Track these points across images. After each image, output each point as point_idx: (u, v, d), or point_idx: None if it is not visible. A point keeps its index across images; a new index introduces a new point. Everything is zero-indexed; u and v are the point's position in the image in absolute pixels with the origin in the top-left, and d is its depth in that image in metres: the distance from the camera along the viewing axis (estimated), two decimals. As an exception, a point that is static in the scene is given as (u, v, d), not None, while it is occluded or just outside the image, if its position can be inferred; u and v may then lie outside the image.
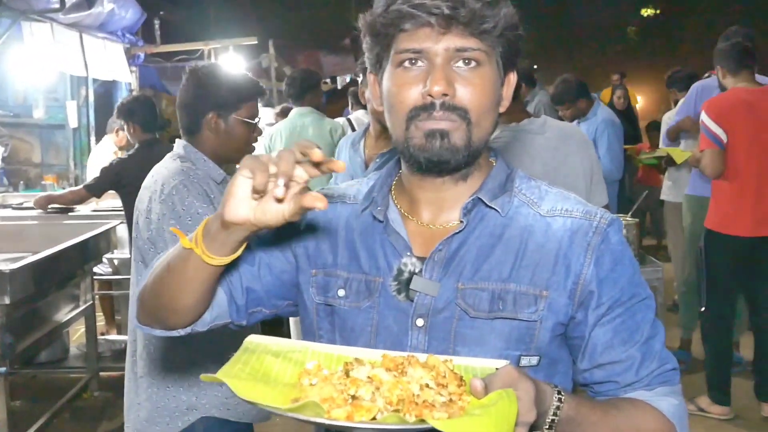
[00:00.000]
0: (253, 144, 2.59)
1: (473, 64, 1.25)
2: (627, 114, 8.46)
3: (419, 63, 1.26)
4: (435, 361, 1.13)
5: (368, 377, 1.10)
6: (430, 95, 1.24)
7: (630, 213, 4.15)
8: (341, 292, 1.37)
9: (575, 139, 3.11)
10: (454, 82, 1.24)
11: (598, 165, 3.18)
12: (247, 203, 1.14)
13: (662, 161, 5.59)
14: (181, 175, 2.37)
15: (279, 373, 1.17)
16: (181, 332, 1.37)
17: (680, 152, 4.79)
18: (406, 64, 1.26)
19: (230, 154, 2.54)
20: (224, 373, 1.12)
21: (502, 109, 1.35)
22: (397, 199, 1.39)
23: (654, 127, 7.97)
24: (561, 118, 5.34)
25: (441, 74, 1.23)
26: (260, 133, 2.61)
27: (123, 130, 6.53)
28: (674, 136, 5.41)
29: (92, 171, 6.72)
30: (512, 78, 1.36)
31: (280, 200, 1.12)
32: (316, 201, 1.11)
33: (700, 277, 4.53)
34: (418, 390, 1.07)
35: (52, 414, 4.45)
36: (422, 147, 1.26)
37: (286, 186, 1.11)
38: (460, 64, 1.25)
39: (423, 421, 1.00)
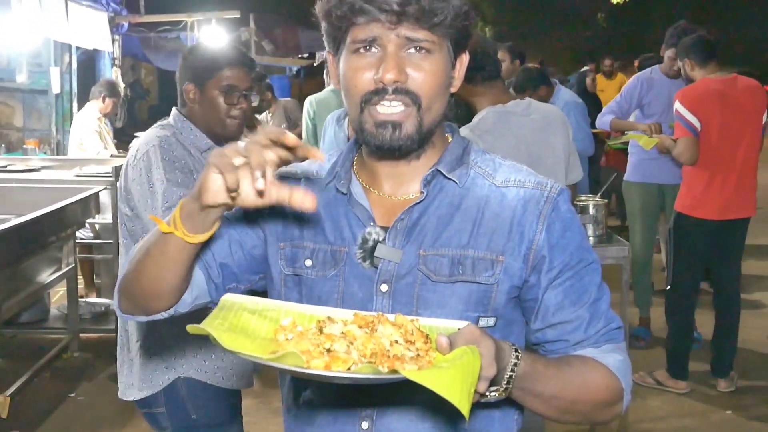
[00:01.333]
0: (236, 113, 2.47)
1: (424, 51, 1.28)
2: (594, 98, 8.49)
3: (373, 49, 1.28)
4: (402, 320, 1.17)
5: (342, 333, 1.13)
6: (382, 82, 1.26)
7: (599, 194, 4.19)
8: (308, 262, 1.39)
9: (557, 120, 3.14)
10: (406, 68, 1.27)
11: (573, 144, 3.22)
12: (223, 192, 1.15)
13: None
14: (153, 141, 2.36)
15: (256, 328, 1.19)
16: (164, 315, 1.38)
17: (648, 139, 4.86)
18: (361, 50, 1.28)
19: (214, 127, 2.47)
20: (207, 325, 1.14)
21: (453, 89, 1.37)
22: (358, 173, 1.42)
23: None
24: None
25: (393, 62, 1.25)
26: (246, 103, 2.50)
27: (108, 97, 6.47)
28: (623, 129, 5.50)
29: (74, 136, 6.64)
30: (464, 58, 1.38)
31: (260, 192, 1.13)
32: (304, 201, 1.14)
33: (667, 257, 4.60)
34: (388, 345, 1.11)
35: (33, 373, 4.43)
36: (373, 135, 1.29)
37: (263, 177, 1.11)
38: (412, 50, 1.27)
39: (395, 371, 1.04)
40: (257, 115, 8.34)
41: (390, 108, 1.27)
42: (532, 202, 1.35)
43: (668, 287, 4.61)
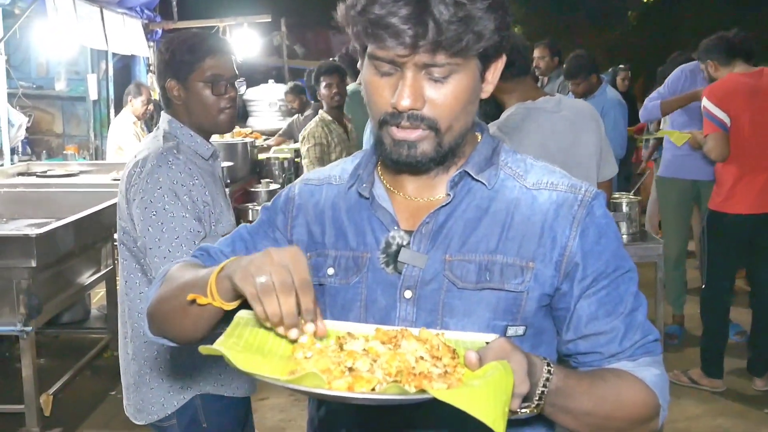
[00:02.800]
0: (225, 103, 2.31)
1: (444, 74, 1.19)
2: (627, 96, 8.41)
3: (391, 69, 1.20)
4: (427, 334, 1.11)
5: (364, 350, 1.07)
6: (396, 108, 1.20)
7: (632, 191, 4.15)
8: (330, 271, 1.35)
9: (588, 116, 3.07)
10: (423, 93, 1.19)
11: (606, 140, 3.15)
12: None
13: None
14: (160, 160, 2.17)
15: (273, 346, 1.12)
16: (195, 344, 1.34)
17: (679, 134, 4.78)
18: (379, 68, 1.21)
19: (205, 122, 2.31)
20: (221, 344, 1.07)
21: (485, 95, 1.29)
22: (382, 175, 1.36)
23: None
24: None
25: (408, 90, 1.18)
26: (233, 93, 2.32)
27: (134, 97, 6.54)
28: (679, 104, 5.15)
29: (112, 141, 6.72)
30: (500, 63, 1.28)
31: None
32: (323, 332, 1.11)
33: (702, 256, 4.53)
34: (414, 362, 1.04)
35: (74, 372, 4.51)
36: (392, 152, 1.24)
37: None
38: (431, 73, 1.19)
39: (423, 391, 0.97)
40: (290, 118, 8.39)
41: (405, 133, 1.22)
42: (565, 206, 1.29)
43: (703, 286, 4.54)
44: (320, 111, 5.12)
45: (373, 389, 1.00)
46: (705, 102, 4.22)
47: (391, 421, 1.28)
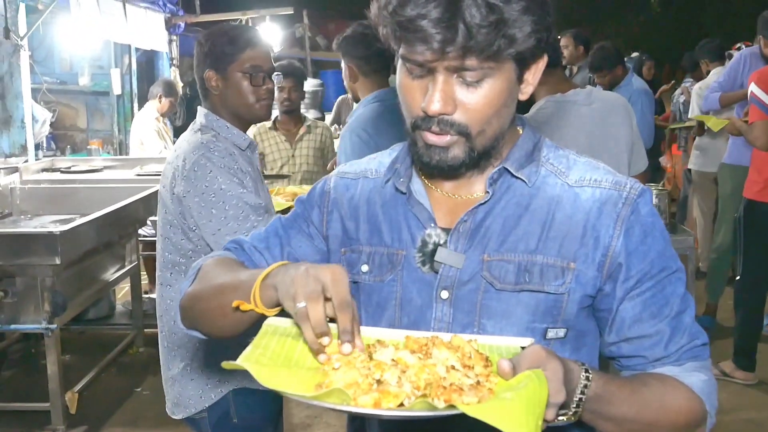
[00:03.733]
0: (263, 94, 2.34)
1: (477, 77, 1.13)
2: (652, 85, 8.28)
3: (422, 72, 1.15)
4: (459, 341, 1.07)
5: (393, 360, 1.03)
6: (426, 113, 1.15)
7: (661, 183, 4.04)
8: (365, 268, 1.32)
9: (620, 109, 3.01)
10: (455, 97, 1.14)
11: (637, 132, 3.09)
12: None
13: (694, 130, 5.41)
14: (201, 149, 2.21)
15: (300, 357, 1.09)
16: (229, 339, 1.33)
17: (717, 120, 4.61)
18: (411, 71, 1.16)
19: (243, 112, 2.35)
20: (246, 359, 1.04)
21: (523, 97, 1.23)
22: (420, 170, 1.31)
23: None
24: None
25: (438, 94, 1.13)
26: (270, 85, 2.36)
27: (165, 97, 6.51)
28: (736, 100, 5.04)
29: (135, 136, 6.71)
30: (541, 63, 1.21)
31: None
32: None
33: (737, 246, 4.42)
34: (444, 372, 1.00)
35: (100, 368, 4.50)
36: (425, 155, 1.20)
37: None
38: (464, 77, 1.13)
39: (453, 406, 0.93)
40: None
41: (436, 138, 1.17)
42: (609, 204, 1.23)
43: (738, 277, 4.44)
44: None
45: (401, 404, 0.96)
46: (753, 87, 4.06)
47: (423, 430, 1.24)
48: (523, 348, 1.06)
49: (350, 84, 3.01)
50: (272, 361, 1.06)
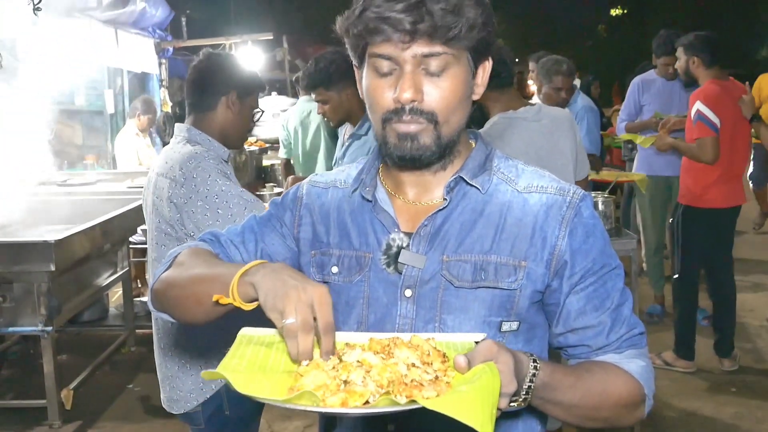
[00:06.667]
0: (250, 129, 2.50)
1: (441, 67, 1.18)
2: (597, 102, 8.32)
3: (391, 67, 1.19)
4: (418, 340, 1.08)
5: (358, 361, 1.03)
6: (399, 101, 1.18)
7: (607, 191, 4.08)
8: (335, 269, 1.33)
9: (565, 122, 3.03)
10: (422, 87, 1.18)
11: (581, 143, 3.13)
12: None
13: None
14: (197, 158, 2.21)
15: (273, 364, 1.10)
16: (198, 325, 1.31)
17: (644, 139, 4.80)
18: (379, 68, 1.20)
19: (235, 136, 2.40)
20: (224, 368, 1.04)
21: (476, 97, 1.27)
22: (384, 180, 1.34)
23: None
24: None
25: (408, 82, 1.17)
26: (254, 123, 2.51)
27: (143, 114, 6.43)
28: (637, 130, 5.31)
29: (119, 152, 6.62)
30: (487, 65, 1.27)
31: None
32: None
33: (674, 247, 4.49)
34: (405, 370, 1.01)
35: (94, 367, 4.43)
36: (396, 146, 1.22)
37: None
38: (428, 67, 1.18)
39: (414, 401, 0.95)
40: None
41: (407, 126, 1.19)
42: (554, 208, 1.26)
43: (675, 276, 4.49)
44: None
45: (366, 402, 0.97)
46: (699, 106, 4.10)
47: (390, 423, 1.27)
48: (477, 343, 1.06)
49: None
50: (248, 368, 1.06)
